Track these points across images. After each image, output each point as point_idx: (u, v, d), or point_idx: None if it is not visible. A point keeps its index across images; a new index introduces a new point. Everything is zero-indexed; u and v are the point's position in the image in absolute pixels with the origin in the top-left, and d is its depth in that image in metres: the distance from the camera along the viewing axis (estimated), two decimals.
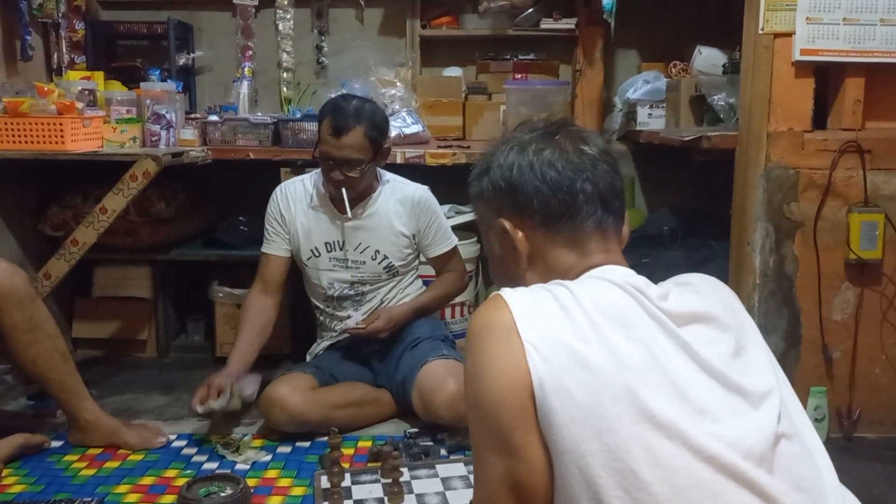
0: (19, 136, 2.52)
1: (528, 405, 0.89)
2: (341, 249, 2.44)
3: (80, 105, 2.60)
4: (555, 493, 0.90)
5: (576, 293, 0.95)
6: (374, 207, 2.43)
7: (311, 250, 2.45)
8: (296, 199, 2.46)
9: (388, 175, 2.49)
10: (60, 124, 2.49)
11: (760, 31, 2.29)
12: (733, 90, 2.63)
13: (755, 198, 2.34)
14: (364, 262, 2.44)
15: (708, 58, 2.91)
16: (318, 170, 2.47)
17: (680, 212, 3.19)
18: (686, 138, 2.57)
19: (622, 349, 0.90)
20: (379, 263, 2.45)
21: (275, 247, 2.47)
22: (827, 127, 2.36)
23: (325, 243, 2.44)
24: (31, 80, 2.72)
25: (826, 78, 2.36)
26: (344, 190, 2.33)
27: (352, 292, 2.47)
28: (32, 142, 2.52)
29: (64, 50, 3.05)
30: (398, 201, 2.45)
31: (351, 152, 2.28)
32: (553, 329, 0.91)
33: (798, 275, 2.35)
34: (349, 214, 2.37)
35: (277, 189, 2.51)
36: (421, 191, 2.49)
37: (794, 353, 2.38)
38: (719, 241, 2.71)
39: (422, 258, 2.59)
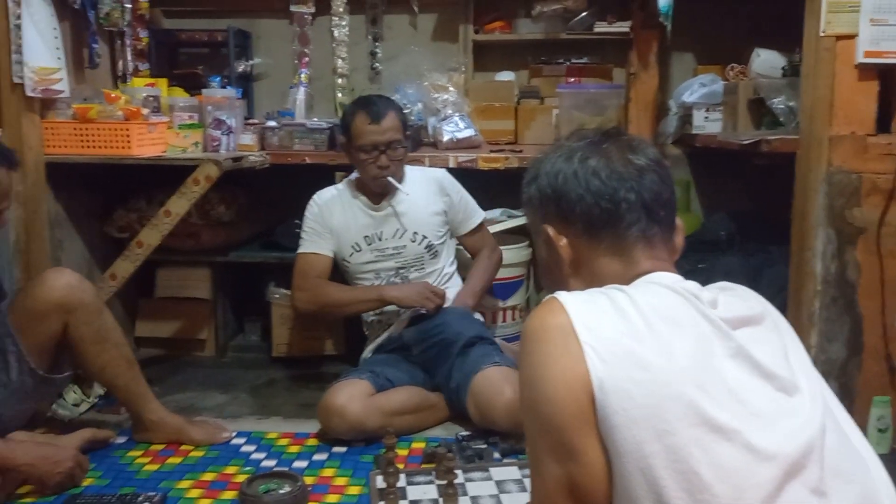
0: (88, 141, 2.61)
1: (588, 407, 0.90)
2: (380, 240, 2.56)
3: (145, 111, 2.68)
4: (614, 496, 0.91)
5: (632, 296, 0.96)
6: (403, 194, 2.55)
7: (353, 246, 2.56)
8: (330, 203, 2.60)
9: (405, 167, 2.63)
10: (127, 130, 2.58)
11: (822, 34, 2.24)
12: (793, 93, 2.58)
13: (816, 203, 2.30)
14: (405, 247, 2.56)
15: (766, 60, 2.86)
16: (347, 178, 2.66)
17: (737, 216, 3.13)
18: (745, 142, 2.53)
19: (678, 351, 0.91)
20: (419, 245, 2.56)
21: (319, 245, 2.57)
22: (891, 130, 2.30)
23: (364, 237, 2.56)
24: (98, 87, 2.81)
25: (890, 80, 2.29)
26: (391, 178, 2.49)
27: (397, 279, 2.56)
28: (100, 147, 2.61)
29: (129, 57, 3.13)
30: (425, 183, 2.60)
31: (393, 133, 2.47)
32: (609, 330, 0.92)
33: (860, 281, 2.29)
34: (406, 191, 2.54)
35: (312, 199, 2.64)
36: (442, 171, 2.70)
37: (856, 360, 2.32)
38: (778, 246, 2.66)
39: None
